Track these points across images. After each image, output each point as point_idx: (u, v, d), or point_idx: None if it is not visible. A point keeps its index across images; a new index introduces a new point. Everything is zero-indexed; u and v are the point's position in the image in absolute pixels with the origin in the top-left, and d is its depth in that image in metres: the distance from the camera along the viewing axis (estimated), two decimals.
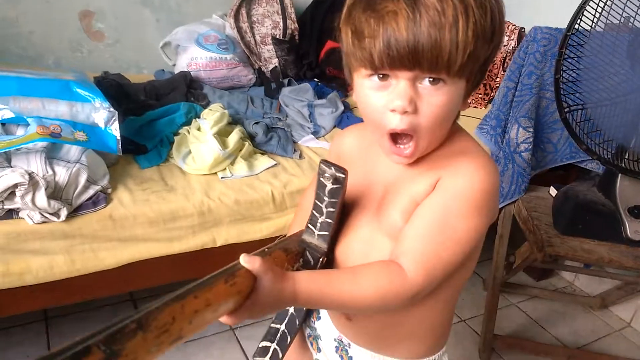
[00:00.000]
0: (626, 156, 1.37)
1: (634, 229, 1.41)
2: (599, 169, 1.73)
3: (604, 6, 1.27)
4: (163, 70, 2.05)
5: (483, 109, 2.14)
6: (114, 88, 1.66)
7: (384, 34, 0.56)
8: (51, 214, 1.14)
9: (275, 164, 1.51)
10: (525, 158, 1.70)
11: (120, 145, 1.32)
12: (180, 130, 1.54)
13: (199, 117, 1.56)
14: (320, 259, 0.72)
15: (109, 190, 1.25)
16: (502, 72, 2.09)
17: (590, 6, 1.28)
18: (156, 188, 1.30)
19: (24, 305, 1.19)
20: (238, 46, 2.07)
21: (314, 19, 2.25)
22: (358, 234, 0.72)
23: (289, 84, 2.07)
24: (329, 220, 0.70)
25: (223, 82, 2.00)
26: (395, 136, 0.62)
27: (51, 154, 1.19)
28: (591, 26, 1.30)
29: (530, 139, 1.69)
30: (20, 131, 1.22)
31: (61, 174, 1.16)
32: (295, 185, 1.43)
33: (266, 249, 0.66)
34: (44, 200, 1.11)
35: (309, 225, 0.72)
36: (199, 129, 1.49)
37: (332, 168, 0.67)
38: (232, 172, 1.42)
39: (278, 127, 1.70)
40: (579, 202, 1.46)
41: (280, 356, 0.78)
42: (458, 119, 0.69)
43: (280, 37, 2.14)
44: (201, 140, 1.44)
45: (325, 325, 0.85)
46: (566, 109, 1.40)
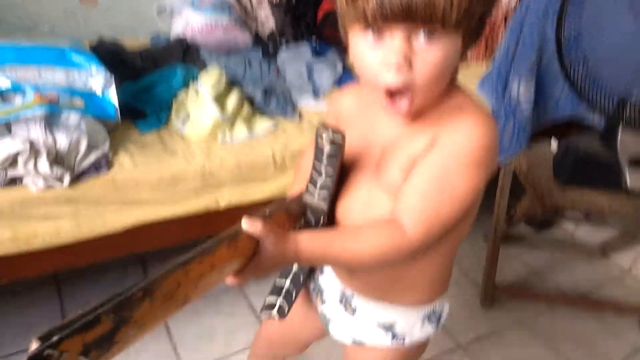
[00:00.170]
0: (627, 108, 1.36)
1: (634, 179, 1.41)
2: (600, 122, 1.73)
3: None
4: (159, 35, 2.02)
5: (484, 65, 2.11)
6: (110, 54, 1.64)
7: None
8: (54, 180, 1.15)
9: (275, 126, 1.51)
10: (526, 113, 1.69)
11: (118, 112, 1.32)
12: (178, 94, 1.53)
13: (197, 81, 1.56)
14: (321, 219, 0.73)
15: (111, 156, 1.25)
16: (504, 29, 2.05)
17: None
18: (157, 152, 1.31)
19: (34, 268, 1.23)
20: (234, 9, 2.03)
21: None
22: (358, 193, 0.73)
23: (287, 46, 2.04)
24: (329, 181, 0.71)
25: (220, 46, 1.97)
26: (391, 93, 0.62)
27: (50, 121, 1.19)
28: None
29: (532, 94, 1.67)
30: (18, 99, 1.22)
31: (62, 140, 1.17)
32: (296, 146, 1.44)
33: (267, 211, 0.67)
34: (46, 166, 1.12)
35: (309, 186, 0.73)
36: (197, 93, 1.49)
37: (330, 131, 0.68)
38: (232, 135, 1.43)
39: (277, 89, 1.69)
40: (580, 155, 1.47)
41: (286, 311, 0.80)
42: (457, 76, 0.69)
43: None
44: (199, 104, 1.44)
45: (329, 279, 0.87)
46: (567, 64, 1.38)
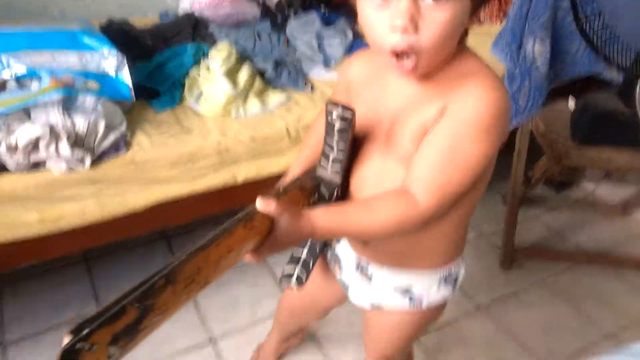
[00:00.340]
0: None
1: None
2: (618, 77, 1.69)
3: None
4: (167, 12, 2.01)
5: (498, 24, 2.06)
6: (120, 35, 1.65)
7: None
8: (76, 163, 1.18)
9: (288, 99, 1.52)
10: (542, 72, 1.65)
11: (132, 92, 1.34)
12: (190, 72, 1.54)
13: (207, 57, 1.56)
14: (335, 192, 0.74)
15: (128, 136, 1.28)
16: None
17: None
18: (173, 131, 1.33)
19: (62, 248, 1.28)
20: None
21: None
22: (370, 165, 0.74)
23: (295, 16, 2.02)
24: (341, 155, 0.72)
25: (228, 20, 1.97)
26: (398, 54, 0.62)
27: (67, 105, 1.21)
28: None
29: (547, 52, 1.64)
30: (34, 85, 1.25)
31: (80, 123, 1.20)
32: (309, 119, 1.44)
33: (281, 189, 0.68)
34: (67, 150, 1.15)
35: (322, 160, 0.74)
36: (208, 70, 1.49)
37: (339, 107, 0.68)
38: (245, 110, 1.44)
39: (287, 61, 1.68)
40: (598, 112, 1.44)
41: (304, 280, 0.83)
42: (467, 39, 0.68)
43: None
44: (211, 81, 1.45)
45: (345, 248, 0.89)
46: (583, 19, 1.34)
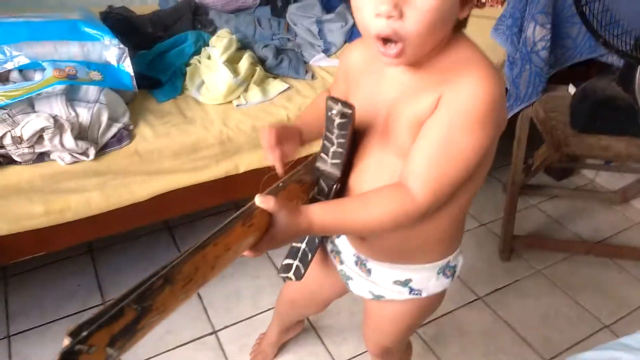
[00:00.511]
0: None
1: None
2: (619, 62, 1.68)
3: None
4: None
5: (500, 7, 2.05)
6: (120, 22, 1.64)
7: None
8: (80, 154, 1.20)
9: (289, 87, 1.52)
10: (542, 57, 1.65)
11: (134, 82, 1.35)
12: (191, 61, 1.54)
13: (208, 45, 1.56)
14: (334, 186, 0.75)
15: (131, 127, 1.29)
16: None
17: None
18: (176, 121, 1.34)
19: (68, 239, 1.29)
20: None
21: None
22: (369, 158, 0.74)
23: (295, 0, 2.01)
24: (340, 149, 0.73)
25: (228, 5, 1.96)
26: (385, 39, 0.62)
27: (71, 96, 1.22)
28: None
29: (548, 36, 1.63)
30: (37, 76, 1.25)
31: (83, 114, 1.21)
32: None
33: (280, 183, 0.69)
34: (71, 141, 1.16)
35: (322, 154, 0.75)
36: (209, 58, 1.50)
37: (340, 104, 0.69)
38: (247, 99, 1.44)
39: (288, 49, 1.68)
40: (597, 99, 1.44)
41: (302, 272, 0.84)
42: (464, 26, 0.68)
43: None
44: (213, 70, 1.45)
45: (344, 243, 0.90)
46: (583, 2, 1.34)
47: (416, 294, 0.86)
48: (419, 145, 0.65)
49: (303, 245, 0.86)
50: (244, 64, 1.48)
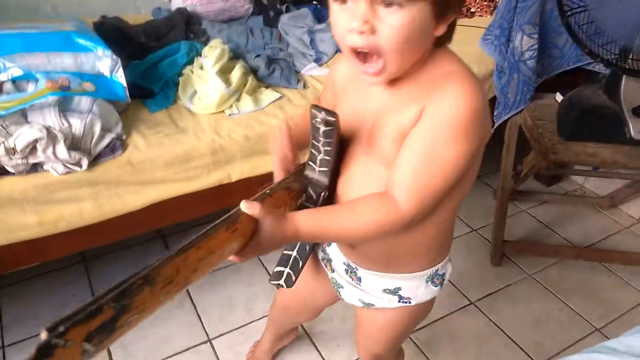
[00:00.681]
0: (630, 56, 1.35)
1: (637, 128, 1.42)
2: (606, 70, 1.71)
3: None
4: (160, 8, 2.02)
5: (489, 17, 2.08)
6: (113, 32, 1.66)
7: None
8: (73, 165, 1.20)
9: (280, 97, 1.54)
10: (530, 66, 1.68)
11: (127, 92, 1.36)
12: (184, 71, 1.55)
13: (201, 55, 1.57)
14: (322, 194, 0.75)
15: (124, 137, 1.30)
16: None
17: None
18: (168, 131, 1.35)
19: (62, 249, 1.30)
20: None
21: None
22: (356, 166, 0.76)
23: (287, 10, 2.03)
24: (327, 157, 0.74)
25: (221, 15, 1.98)
26: (364, 57, 0.64)
27: (64, 107, 1.23)
28: None
29: (535, 46, 1.66)
30: (31, 87, 1.26)
31: (76, 125, 1.21)
32: None
33: (268, 191, 0.70)
34: (64, 152, 1.17)
35: (310, 162, 0.76)
36: (201, 68, 1.51)
37: (323, 112, 0.70)
38: (239, 109, 1.46)
39: (280, 58, 1.70)
40: (584, 107, 1.47)
41: (293, 279, 0.84)
42: (448, 41, 0.70)
43: None
44: (205, 80, 1.46)
45: (335, 251, 0.91)
46: (568, 12, 1.37)
47: (405, 302, 0.88)
48: (403, 155, 0.67)
49: (294, 253, 0.86)
50: (236, 73, 1.49)
